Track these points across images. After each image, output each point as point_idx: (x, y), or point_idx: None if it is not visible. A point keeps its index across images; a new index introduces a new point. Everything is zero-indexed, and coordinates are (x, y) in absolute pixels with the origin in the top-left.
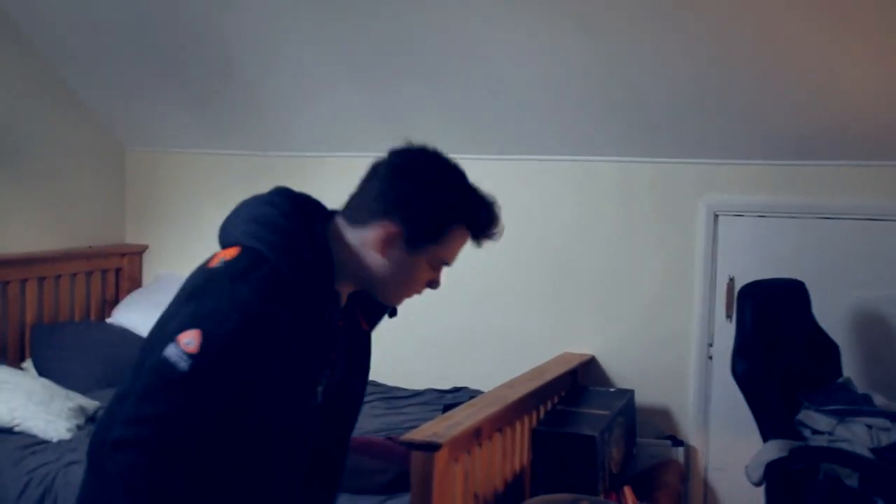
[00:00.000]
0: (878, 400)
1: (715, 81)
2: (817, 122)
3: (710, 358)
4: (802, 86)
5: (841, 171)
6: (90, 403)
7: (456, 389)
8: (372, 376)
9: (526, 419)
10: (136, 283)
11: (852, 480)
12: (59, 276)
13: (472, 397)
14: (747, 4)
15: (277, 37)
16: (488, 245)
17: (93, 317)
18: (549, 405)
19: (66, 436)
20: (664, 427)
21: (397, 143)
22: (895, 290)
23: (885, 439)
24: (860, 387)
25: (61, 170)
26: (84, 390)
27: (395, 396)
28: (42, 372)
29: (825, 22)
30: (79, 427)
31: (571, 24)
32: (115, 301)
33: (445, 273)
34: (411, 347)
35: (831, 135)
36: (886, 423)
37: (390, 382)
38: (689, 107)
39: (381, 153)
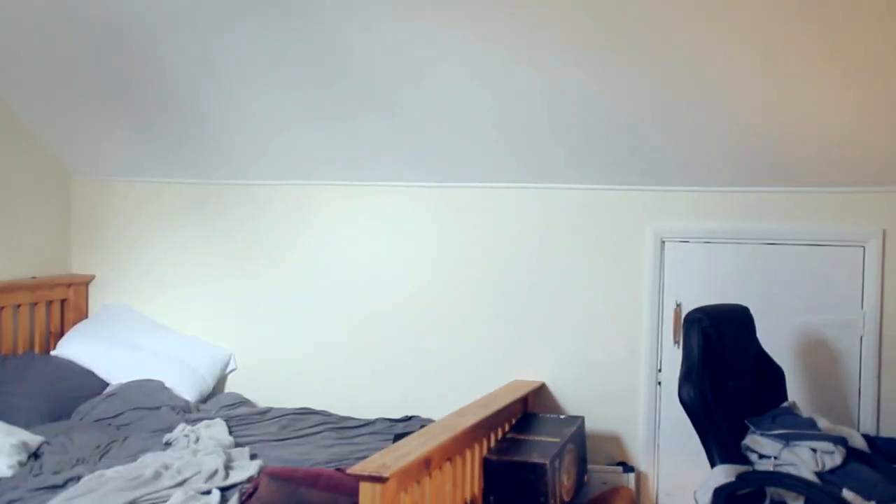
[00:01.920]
0: (823, 423)
1: (660, 110)
2: (760, 150)
3: (659, 383)
4: (745, 115)
5: (784, 197)
6: (33, 439)
7: (407, 418)
8: (322, 406)
9: (476, 447)
10: (81, 314)
11: None
12: (1, 308)
13: (423, 426)
14: (691, 37)
15: (226, 66)
16: (437, 272)
17: (37, 349)
18: (500, 433)
19: (8, 473)
20: (615, 453)
21: (348, 171)
22: (838, 314)
23: (829, 462)
24: (805, 410)
25: (4, 197)
26: (27, 425)
27: (345, 427)
28: None
29: (767, 53)
30: (20, 464)
31: (520, 55)
32: (61, 333)
33: (394, 300)
34: (362, 376)
35: (774, 162)
36: (830, 446)
37: (341, 412)
38: (635, 135)
39: (333, 182)
